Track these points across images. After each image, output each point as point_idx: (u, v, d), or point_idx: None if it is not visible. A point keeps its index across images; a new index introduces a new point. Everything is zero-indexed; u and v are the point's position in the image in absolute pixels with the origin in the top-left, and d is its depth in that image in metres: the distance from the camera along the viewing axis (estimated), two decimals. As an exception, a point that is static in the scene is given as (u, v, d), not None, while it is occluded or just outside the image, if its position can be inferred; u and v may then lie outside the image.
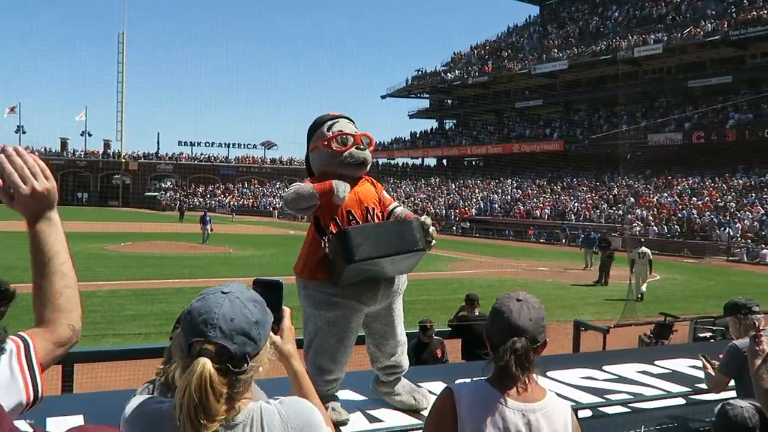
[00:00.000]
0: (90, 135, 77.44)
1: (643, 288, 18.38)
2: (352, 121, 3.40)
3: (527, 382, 1.97)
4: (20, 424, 2.93)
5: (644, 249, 19.42)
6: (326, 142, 3.22)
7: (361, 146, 3.26)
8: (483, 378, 2.03)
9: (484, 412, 1.92)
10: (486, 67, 64.80)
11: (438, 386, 3.62)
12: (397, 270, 3.20)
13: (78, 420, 2.99)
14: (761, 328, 2.89)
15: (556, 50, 58.88)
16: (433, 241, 3.13)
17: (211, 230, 32.23)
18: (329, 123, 3.31)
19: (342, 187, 3.07)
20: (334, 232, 3.10)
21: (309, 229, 3.27)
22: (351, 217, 3.18)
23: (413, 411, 3.41)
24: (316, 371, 3.21)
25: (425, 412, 3.22)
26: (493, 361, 1.99)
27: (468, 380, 2.06)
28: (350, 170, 3.24)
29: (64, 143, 76.75)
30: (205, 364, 1.35)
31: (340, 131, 3.25)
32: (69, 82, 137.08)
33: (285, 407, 1.49)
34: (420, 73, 73.86)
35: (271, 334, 1.60)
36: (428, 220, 3.13)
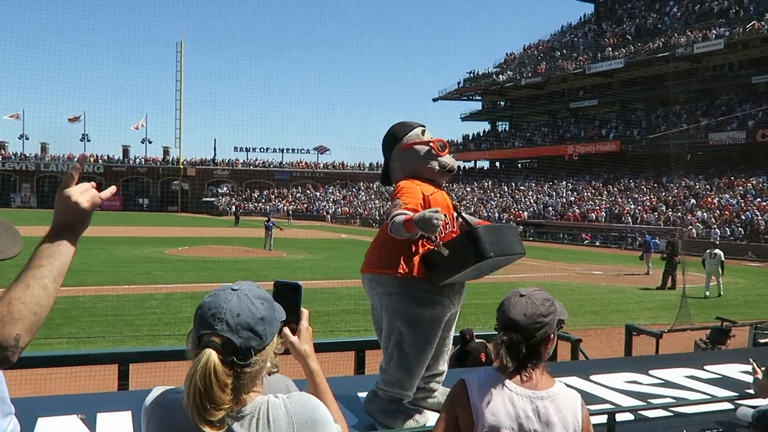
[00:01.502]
0: (150, 142, 79.88)
1: (713, 284, 19.43)
2: None
3: (531, 372, 2.04)
4: (71, 418, 3.09)
5: (717, 251, 20.17)
6: (431, 143, 3.36)
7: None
8: (493, 368, 2.11)
9: (493, 396, 2.00)
10: (539, 68, 63.99)
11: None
12: (487, 272, 3.31)
13: (127, 416, 3.13)
14: None
15: (611, 49, 57.67)
16: None
17: (273, 236, 32.30)
18: (422, 128, 3.47)
19: (437, 223, 2.93)
20: (461, 231, 3.24)
21: (384, 230, 3.27)
22: (446, 221, 3.29)
23: None
24: (407, 374, 3.23)
25: None
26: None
27: (479, 370, 2.19)
28: (442, 175, 3.39)
29: (125, 150, 79.43)
30: (210, 355, 1.43)
31: (439, 139, 3.41)
32: (130, 90, 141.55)
33: (292, 402, 1.55)
34: (472, 75, 73.48)
35: (290, 334, 1.71)
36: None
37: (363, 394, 3.46)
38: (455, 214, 3.38)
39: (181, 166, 76.42)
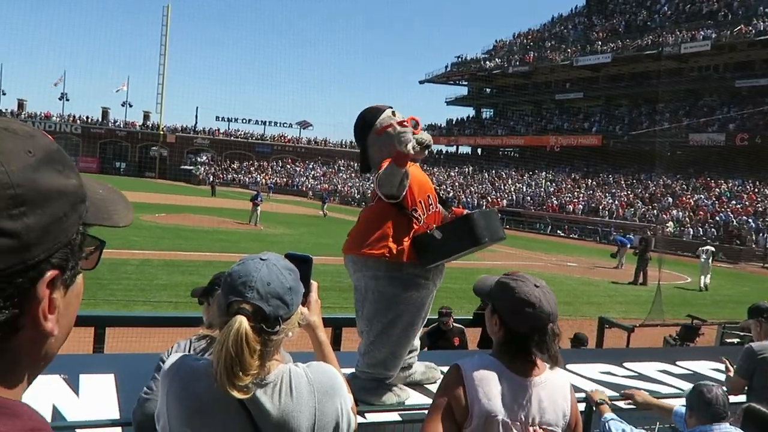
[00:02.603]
0: (131, 106, 78.55)
1: (707, 281, 21.19)
2: None
3: (534, 360, 2.05)
4: (54, 378, 3.08)
5: (708, 247, 22.75)
6: (404, 123, 3.32)
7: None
8: (487, 352, 2.13)
9: (490, 383, 1.99)
10: (527, 57, 64.00)
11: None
12: (469, 254, 3.37)
13: (109, 378, 3.12)
14: None
15: (600, 43, 57.85)
16: None
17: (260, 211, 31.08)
18: (391, 109, 3.44)
19: (406, 137, 3.10)
20: (458, 215, 3.32)
21: (375, 210, 3.28)
22: (430, 202, 3.33)
23: (430, 383, 3.61)
24: (392, 355, 3.28)
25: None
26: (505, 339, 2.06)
27: (473, 356, 2.14)
28: (420, 152, 3.34)
29: (105, 112, 78.05)
30: (242, 322, 1.47)
31: (411, 117, 3.39)
32: (113, 52, 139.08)
33: (312, 370, 1.61)
34: (460, 59, 73.27)
35: (300, 306, 1.73)
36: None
37: (344, 371, 3.49)
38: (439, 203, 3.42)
39: (161, 132, 75.36)
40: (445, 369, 3.81)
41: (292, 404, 1.52)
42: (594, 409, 3.10)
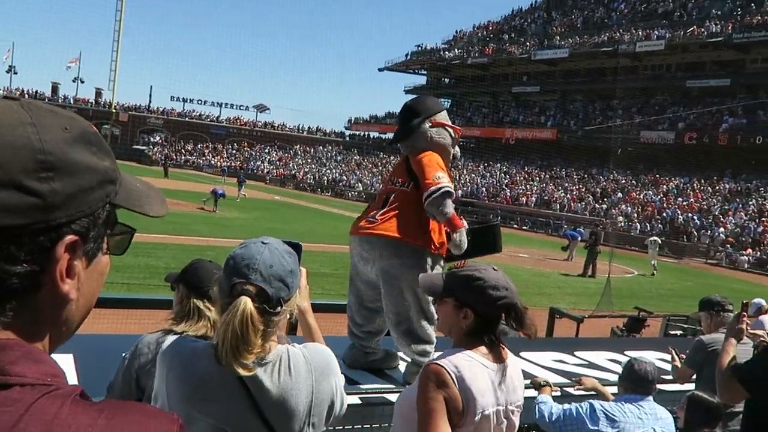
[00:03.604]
0: (82, 82, 76.23)
1: (655, 264, 24.54)
2: None
3: (500, 344, 2.12)
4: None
5: (654, 238, 26.62)
6: (457, 133, 3.81)
7: None
8: (457, 348, 2.08)
9: (477, 376, 2.00)
10: (486, 49, 64.49)
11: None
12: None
13: (68, 359, 3.06)
14: (744, 314, 3.08)
15: (558, 38, 58.68)
16: None
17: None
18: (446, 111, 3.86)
19: (463, 243, 3.47)
20: (488, 224, 3.97)
21: (413, 199, 3.49)
22: None
23: (390, 369, 3.82)
24: (421, 338, 3.52)
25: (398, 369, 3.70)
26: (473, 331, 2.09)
27: (445, 353, 2.08)
28: (452, 161, 3.83)
29: (54, 88, 75.60)
30: (247, 302, 1.53)
31: (458, 128, 3.90)
32: (65, 26, 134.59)
33: (309, 351, 1.69)
34: (420, 48, 73.39)
35: None
36: None
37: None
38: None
39: (114, 110, 73.44)
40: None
41: (291, 383, 1.59)
42: (537, 391, 3.27)
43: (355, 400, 3.08)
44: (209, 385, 1.57)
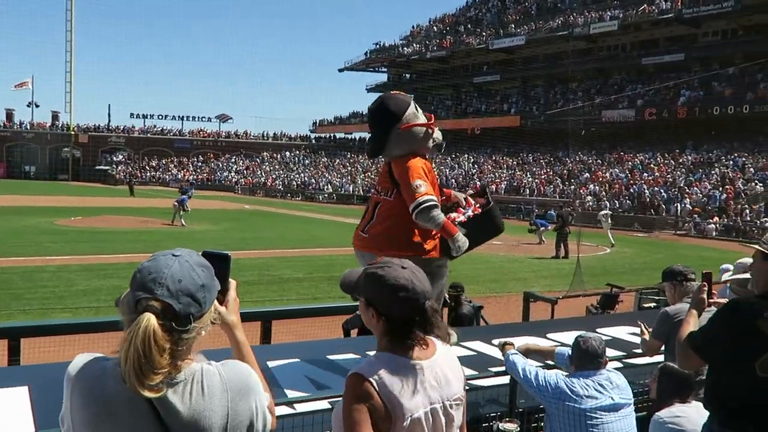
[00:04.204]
0: (37, 106, 75.07)
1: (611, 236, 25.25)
2: None
3: (429, 340, 1.97)
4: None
5: (605, 211, 27.69)
6: (431, 125, 3.73)
7: None
8: (380, 350, 1.96)
9: (399, 379, 1.87)
10: (444, 42, 64.72)
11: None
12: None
13: (23, 391, 2.97)
14: (704, 284, 3.08)
15: (513, 25, 59.10)
16: None
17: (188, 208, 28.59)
18: (413, 103, 3.74)
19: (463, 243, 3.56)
20: (484, 209, 4.01)
21: (398, 207, 3.52)
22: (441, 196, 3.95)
23: None
24: None
25: None
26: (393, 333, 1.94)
27: (366, 360, 1.96)
28: (434, 151, 3.86)
29: (9, 114, 74.10)
30: (150, 319, 1.41)
31: (429, 114, 3.81)
32: (15, 51, 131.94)
33: (225, 369, 1.56)
34: (378, 46, 73.39)
35: (217, 304, 1.65)
36: None
37: (277, 363, 3.45)
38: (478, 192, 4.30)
39: (72, 132, 72.19)
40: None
41: (204, 403, 1.47)
42: (501, 351, 3.55)
43: (324, 404, 3.03)
44: (115, 407, 1.45)
